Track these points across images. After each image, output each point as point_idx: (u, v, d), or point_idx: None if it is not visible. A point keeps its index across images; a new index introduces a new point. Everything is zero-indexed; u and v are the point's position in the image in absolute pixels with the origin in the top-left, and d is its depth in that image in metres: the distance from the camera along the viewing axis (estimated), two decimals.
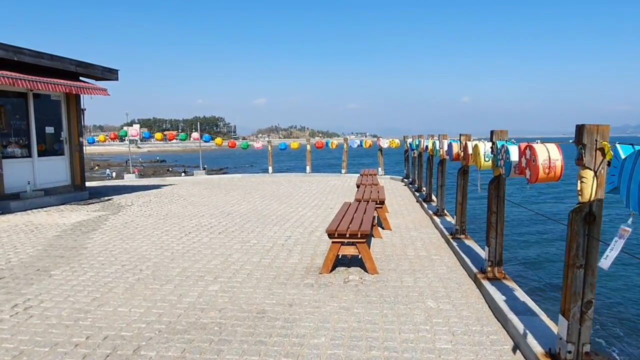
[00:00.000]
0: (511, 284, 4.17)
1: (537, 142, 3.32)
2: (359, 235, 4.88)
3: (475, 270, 4.61)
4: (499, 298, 3.81)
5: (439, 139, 7.93)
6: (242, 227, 7.58)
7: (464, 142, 5.86)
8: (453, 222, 7.15)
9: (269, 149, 19.31)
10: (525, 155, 3.43)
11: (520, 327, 3.22)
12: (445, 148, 7.16)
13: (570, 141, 2.87)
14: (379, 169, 17.20)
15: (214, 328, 3.58)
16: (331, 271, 5.01)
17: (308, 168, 18.72)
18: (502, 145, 3.98)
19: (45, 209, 9.90)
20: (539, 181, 3.29)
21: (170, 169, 47.00)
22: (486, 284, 4.19)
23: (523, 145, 3.56)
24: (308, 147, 19.02)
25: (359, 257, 5.08)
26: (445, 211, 7.92)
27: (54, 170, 11.17)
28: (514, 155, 3.74)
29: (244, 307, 4.03)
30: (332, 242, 4.97)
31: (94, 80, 12.41)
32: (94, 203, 10.78)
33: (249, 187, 13.91)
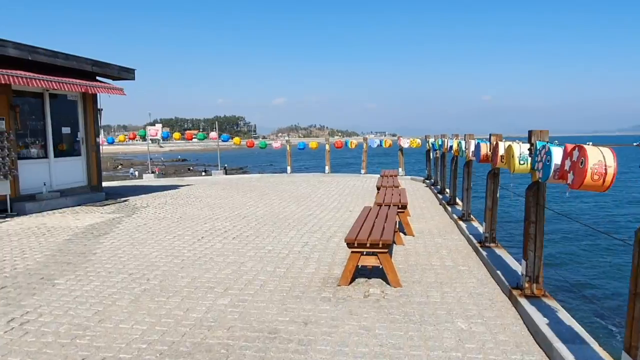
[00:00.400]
0: (552, 303, 3.71)
1: (589, 144, 2.88)
2: (380, 245, 4.49)
3: (509, 285, 4.16)
4: (541, 320, 3.36)
5: (464, 139, 7.46)
6: (258, 231, 7.26)
7: (494, 143, 5.39)
8: (480, 228, 6.69)
9: (288, 148, 19.01)
10: (572, 156, 2.99)
11: (569, 358, 2.78)
12: (472, 149, 6.69)
13: (635, 144, 2.42)
14: (400, 169, 16.70)
15: (220, 350, 3.24)
16: (350, 283, 4.63)
17: (327, 168, 18.35)
18: (543, 146, 3.53)
19: (60, 210, 9.77)
20: (583, 188, 2.85)
21: (191, 168, 47.24)
22: (524, 302, 3.74)
23: (570, 146, 3.11)
24: (327, 146, 18.65)
25: (380, 267, 4.68)
26: (472, 216, 7.44)
27: (70, 171, 11.07)
28: (557, 158, 3.29)
29: (255, 325, 3.68)
30: (352, 251, 4.59)
31: (111, 80, 12.30)
32: (109, 204, 10.62)
33: (267, 188, 13.62)
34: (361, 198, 10.97)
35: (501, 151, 4.91)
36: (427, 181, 14.11)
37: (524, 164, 4.23)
